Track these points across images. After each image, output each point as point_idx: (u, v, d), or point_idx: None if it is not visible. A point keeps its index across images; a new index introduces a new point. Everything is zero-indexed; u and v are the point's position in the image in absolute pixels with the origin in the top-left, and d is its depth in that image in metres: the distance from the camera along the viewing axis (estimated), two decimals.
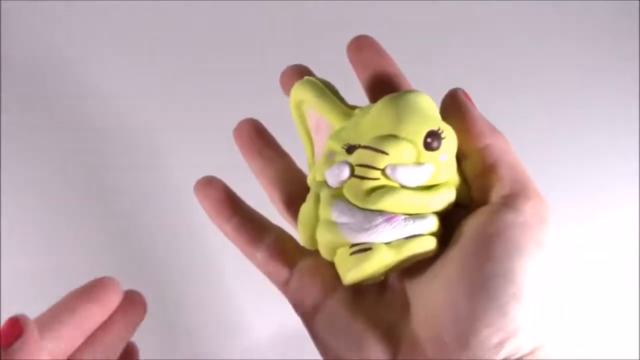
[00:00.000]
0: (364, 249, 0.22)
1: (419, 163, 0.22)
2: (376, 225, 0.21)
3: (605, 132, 0.47)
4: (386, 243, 0.21)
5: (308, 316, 0.24)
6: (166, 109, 0.46)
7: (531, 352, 0.20)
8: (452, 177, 0.23)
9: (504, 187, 0.22)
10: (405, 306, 0.23)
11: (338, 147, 0.23)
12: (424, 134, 0.22)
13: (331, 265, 0.23)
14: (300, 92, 0.25)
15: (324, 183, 0.24)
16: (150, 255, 0.44)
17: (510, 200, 0.21)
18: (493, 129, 0.23)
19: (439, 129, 0.22)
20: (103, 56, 0.47)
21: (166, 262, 0.44)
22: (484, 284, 0.19)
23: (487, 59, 0.48)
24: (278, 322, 0.23)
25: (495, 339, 0.19)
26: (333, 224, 0.22)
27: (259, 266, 0.25)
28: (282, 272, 0.25)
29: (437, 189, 0.22)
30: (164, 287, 0.43)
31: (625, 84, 0.48)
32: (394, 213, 0.22)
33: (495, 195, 0.22)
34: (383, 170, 0.22)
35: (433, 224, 0.22)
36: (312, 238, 0.23)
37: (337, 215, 0.22)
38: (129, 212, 0.45)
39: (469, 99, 0.23)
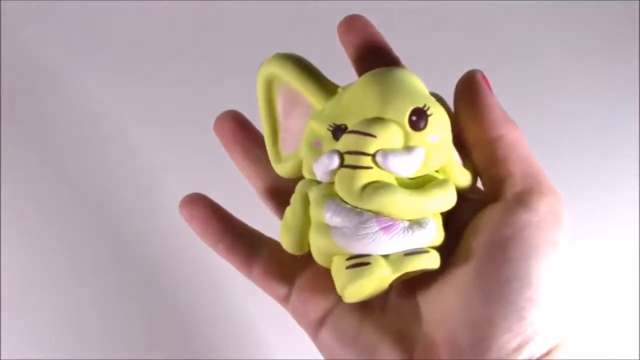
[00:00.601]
0: (361, 264, 0.20)
1: (408, 147, 0.20)
2: (372, 234, 0.20)
3: (606, 133, 0.47)
4: (385, 256, 0.20)
5: (313, 329, 0.23)
6: (155, 114, 0.46)
7: (548, 352, 0.20)
8: (448, 162, 0.21)
9: (516, 182, 0.21)
10: (415, 309, 0.22)
11: (323, 129, 0.21)
12: (408, 112, 0.20)
13: (329, 273, 0.22)
14: (276, 66, 0.22)
15: (312, 182, 0.22)
16: (150, 258, 0.44)
17: (524, 198, 0.20)
18: (508, 119, 0.21)
19: (424, 106, 0.20)
20: (94, 68, 0.47)
21: (170, 267, 0.44)
22: (501, 288, 0.19)
23: (485, 58, 0.48)
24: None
25: (513, 344, 0.19)
26: (326, 227, 0.21)
27: (256, 284, 0.24)
28: (280, 289, 0.24)
29: (436, 188, 0.20)
30: (168, 293, 0.43)
31: (626, 85, 0.48)
32: (390, 218, 0.20)
33: (508, 191, 0.21)
34: (374, 157, 0.20)
35: (434, 232, 0.20)
36: (298, 243, 0.22)
37: (330, 217, 0.20)
38: (124, 217, 0.45)
39: (488, 84, 0.22)
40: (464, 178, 0.22)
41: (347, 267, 0.20)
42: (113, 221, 0.44)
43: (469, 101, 0.21)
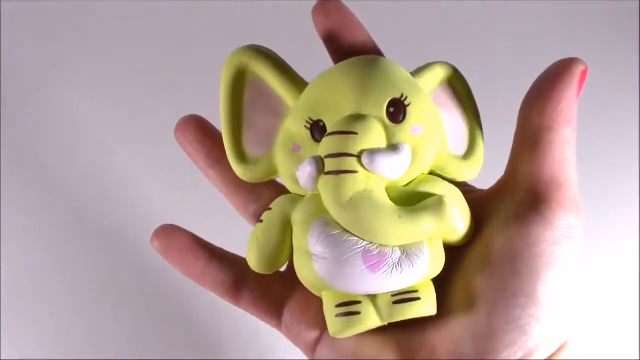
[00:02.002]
0: (351, 312, 0.19)
1: (393, 145, 0.19)
2: (358, 272, 0.18)
3: (606, 133, 0.47)
4: (373, 299, 0.19)
5: (309, 349, 0.22)
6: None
7: (550, 357, 0.20)
8: (442, 156, 0.20)
9: (540, 187, 0.20)
10: (417, 319, 0.21)
11: (300, 127, 0.20)
12: (385, 104, 0.19)
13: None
14: (249, 57, 0.21)
15: (294, 199, 0.20)
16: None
17: (542, 208, 0.19)
18: (571, 120, 0.20)
19: (401, 96, 0.19)
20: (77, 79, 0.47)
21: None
22: (506, 302, 0.19)
23: (480, 57, 0.47)
24: None
25: (516, 357, 0.19)
26: (309, 257, 0.19)
27: (245, 311, 0.23)
28: (271, 315, 0.23)
29: (426, 211, 0.19)
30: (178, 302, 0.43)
31: (626, 85, 0.48)
32: (378, 248, 0.19)
33: (528, 194, 0.20)
34: (359, 158, 0.18)
35: (426, 266, 0.19)
36: (267, 263, 0.20)
37: (313, 243, 0.19)
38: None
39: (581, 80, 0.20)
40: (464, 171, 0.21)
41: (337, 315, 0.19)
42: (113, 224, 0.44)
43: (549, 82, 0.20)
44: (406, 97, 0.19)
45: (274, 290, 0.23)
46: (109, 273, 0.42)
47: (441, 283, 0.21)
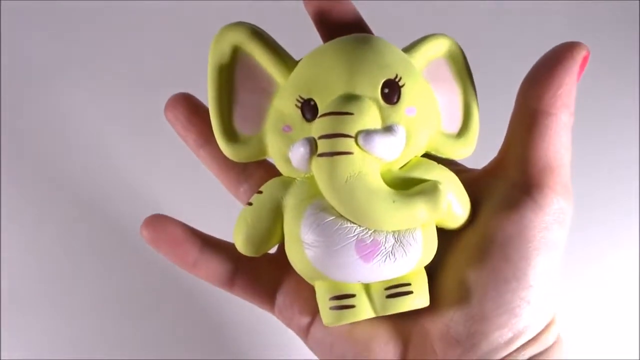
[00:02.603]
0: (345, 306, 0.19)
1: (389, 126, 0.18)
2: (352, 262, 0.18)
3: (606, 133, 0.46)
4: (367, 289, 0.19)
5: (303, 331, 0.22)
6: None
7: (536, 337, 0.20)
8: (437, 135, 0.20)
9: (533, 171, 0.20)
10: None
11: (290, 106, 0.19)
12: (380, 85, 0.19)
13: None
14: (242, 34, 0.20)
15: (286, 184, 0.20)
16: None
17: (534, 192, 0.19)
18: (570, 105, 0.20)
19: (396, 77, 0.19)
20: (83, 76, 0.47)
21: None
22: (497, 286, 0.19)
23: (479, 55, 0.47)
24: None
25: (505, 338, 0.19)
26: (301, 246, 0.19)
27: (239, 297, 0.23)
28: (265, 299, 0.23)
29: (420, 197, 0.18)
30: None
31: (626, 85, 0.48)
32: (372, 236, 0.18)
33: (521, 177, 0.20)
34: (355, 139, 0.18)
35: (419, 254, 0.19)
36: (256, 246, 0.20)
37: (305, 232, 0.19)
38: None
39: (582, 65, 0.20)
40: (458, 150, 0.20)
41: (331, 308, 0.19)
42: (113, 222, 0.44)
43: (549, 66, 0.19)
44: (400, 78, 0.19)
45: (266, 274, 0.23)
46: (109, 272, 0.42)
47: (433, 268, 0.21)
